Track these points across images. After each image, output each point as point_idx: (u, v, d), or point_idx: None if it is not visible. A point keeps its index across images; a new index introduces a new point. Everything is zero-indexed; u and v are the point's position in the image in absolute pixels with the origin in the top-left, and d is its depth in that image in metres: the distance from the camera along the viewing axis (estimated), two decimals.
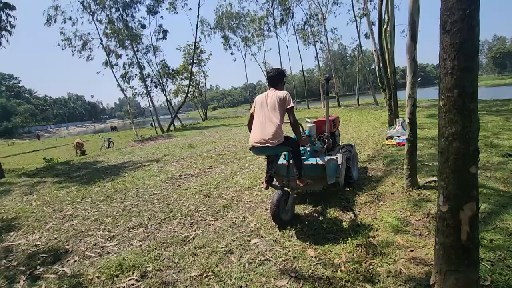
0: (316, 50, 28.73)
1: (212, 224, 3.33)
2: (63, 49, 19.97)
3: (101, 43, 20.25)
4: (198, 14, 23.27)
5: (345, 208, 3.31)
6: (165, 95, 24.67)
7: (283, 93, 2.86)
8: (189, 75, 28.35)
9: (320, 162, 3.17)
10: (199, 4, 22.28)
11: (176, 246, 2.91)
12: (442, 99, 1.49)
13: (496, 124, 6.93)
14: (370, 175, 4.41)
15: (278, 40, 32.43)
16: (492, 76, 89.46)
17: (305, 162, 3.26)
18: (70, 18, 19.45)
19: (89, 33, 20.15)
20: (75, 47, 20.01)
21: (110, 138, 16.34)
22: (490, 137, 5.69)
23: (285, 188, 2.96)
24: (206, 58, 32.78)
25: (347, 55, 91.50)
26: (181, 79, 30.58)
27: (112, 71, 20.87)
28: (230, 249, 2.71)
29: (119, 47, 20.91)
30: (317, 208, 3.37)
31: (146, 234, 3.27)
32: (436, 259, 1.62)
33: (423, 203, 3.14)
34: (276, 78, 3.07)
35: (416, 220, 2.82)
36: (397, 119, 6.92)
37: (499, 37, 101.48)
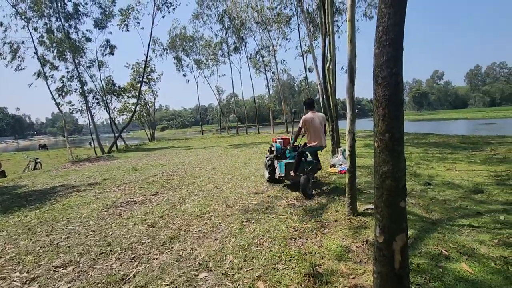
0: (267, 79, 30.40)
1: (156, 258, 3.08)
2: None
3: (36, 53, 18.23)
4: (151, 34, 22.81)
5: (293, 235, 3.41)
6: (109, 113, 22.90)
7: (322, 115, 5.10)
8: (137, 94, 27.06)
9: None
10: (152, 24, 21.99)
11: (114, 286, 2.60)
12: (376, 141, 1.71)
13: (417, 155, 8.07)
14: (316, 202, 4.66)
15: (231, 66, 33.50)
16: (413, 112, 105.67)
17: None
18: (1, 24, 17.25)
19: (23, 42, 18.03)
20: (1, 53, 17.59)
21: (37, 158, 14.27)
22: (413, 166, 6.58)
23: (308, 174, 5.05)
24: (157, 78, 31.98)
25: (295, 85, 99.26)
26: (128, 97, 29.00)
27: (47, 83, 18.75)
28: (176, 286, 2.53)
29: (58, 58, 19.06)
30: (267, 237, 3.40)
31: (76, 274, 2.85)
32: (374, 286, 1.76)
33: (362, 230, 3.42)
34: (312, 104, 5.22)
35: (356, 247, 3.04)
36: (339, 148, 7.55)
37: (417, 79, 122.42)
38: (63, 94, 20.30)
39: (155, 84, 32.18)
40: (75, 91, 20.81)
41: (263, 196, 5.21)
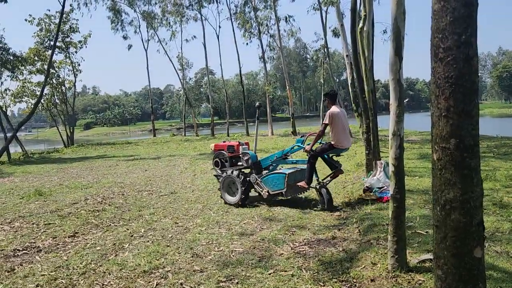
0: (261, 46, 30.63)
1: None
2: None
3: None
4: None
5: None
6: None
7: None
8: (45, 67, 26.84)
9: None
10: None
11: None
12: (435, 150, 1.76)
13: (506, 172, 8.23)
14: (341, 249, 4.69)
15: (204, 25, 33.41)
16: (498, 102, 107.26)
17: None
18: None
19: None
20: None
21: None
22: (499, 191, 6.71)
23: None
24: (81, 41, 31.79)
25: (308, 57, 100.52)
26: (30, 73, 28.80)
27: None
28: None
29: None
30: None
31: None
32: None
33: None
34: (336, 97, 6.74)
35: None
36: (379, 162, 7.66)
37: (504, 51, 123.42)
38: None
39: (76, 52, 31.96)
40: None
41: (254, 239, 5.22)
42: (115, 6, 34.15)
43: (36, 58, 27.86)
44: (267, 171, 7.37)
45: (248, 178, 7.18)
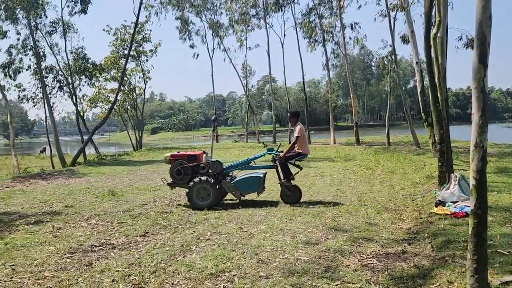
0: (326, 53, 30.34)
1: None
2: None
3: None
4: None
5: None
6: (75, 103, 24.37)
7: None
8: (118, 75, 28.52)
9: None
10: None
11: None
12: None
13: None
14: (412, 264, 4.49)
15: (269, 33, 33.69)
16: None
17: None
18: None
19: None
20: None
21: None
22: None
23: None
24: (151, 50, 33.38)
25: (372, 64, 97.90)
26: (105, 80, 30.72)
27: None
28: None
29: (6, 19, 20.86)
30: None
31: None
32: None
33: None
34: (299, 115, 9.19)
35: None
36: (453, 174, 7.27)
37: None
38: (11, 73, 22.07)
39: (147, 61, 33.65)
40: (27, 69, 22.53)
41: (319, 249, 5.15)
42: (183, 15, 35.53)
43: (111, 66, 29.60)
44: (230, 176, 8.46)
45: (220, 184, 8.10)
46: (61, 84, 23.51)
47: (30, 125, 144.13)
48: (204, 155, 8.66)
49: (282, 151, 8.50)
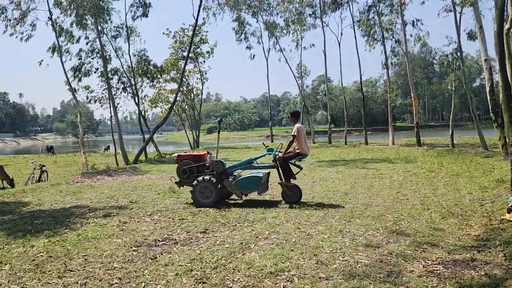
0: (385, 52, 29.40)
1: None
2: None
3: (50, 17, 21.63)
4: None
5: None
6: (138, 103, 25.49)
7: None
8: (177, 76, 29.48)
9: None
10: None
11: None
12: None
13: None
14: (483, 273, 4.25)
15: (325, 32, 33.26)
16: None
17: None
18: None
19: (32, 0, 21.65)
20: (10, 20, 21.42)
21: (43, 166, 16.77)
22: None
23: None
24: (208, 52, 34.17)
25: (435, 62, 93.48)
26: (165, 81, 31.86)
27: (61, 60, 22.02)
28: None
29: (76, 25, 22.23)
30: None
31: None
32: None
33: None
34: (300, 115, 9.07)
35: None
36: None
37: None
38: (80, 75, 23.48)
39: (204, 62, 34.50)
40: (95, 72, 23.88)
41: (381, 252, 5.03)
42: (239, 17, 36.02)
43: (171, 68, 30.67)
44: (234, 176, 8.73)
45: (222, 183, 8.25)
46: (125, 85, 24.67)
47: (95, 125, 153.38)
48: (208, 155, 8.88)
49: (281, 152, 8.57)
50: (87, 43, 23.40)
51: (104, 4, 23.00)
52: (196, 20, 24.26)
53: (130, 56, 24.92)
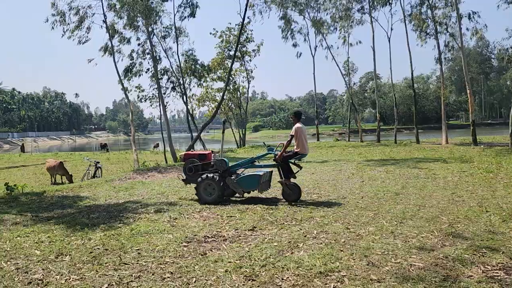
0: (438, 47, 28.20)
1: None
2: (52, 28, 22.66)
3: (104, 20, 22.61)
4: None
5: None
6: (186, 102, 26.11)
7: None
8: (224, 75, 29.88)
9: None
10: None
11: None
12: None
13: None
14: None
15: (374, 27, 32.29)
16: None
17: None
18: None
19: (89, 6, 22.73)
20: (69, 24, 22.60)
21: (98, 162, 17.58)
22: None
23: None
24: (254, 50, 34.35)
25: (493, 57, 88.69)
26: (212, 80, 32.40)
27: (114, 61, 22.96)
28: None
29: (128, 27, 23.09)
30: None
31: None
32: None
33: None
34: (301, 115, 9.08)
35: None
36: None
37: None
38: (131, 75, 24.39)
39: (250, 60, 34.71)
40: (146, 72, 24.72)
41: (436, 256, 4.85)
42: (286, 14, 35.90)
43: (217, 67, 31.16)
44: (236, 174, 8.97)
45: (224, 181, 8.60)
46: (174, 84, 25.39)
47: (145, 123, 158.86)
48: (213, 154, 9.39)
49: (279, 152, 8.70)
50: (138, 44, 24.33)
51: (155, 5, 23.73)
52: (243, 19, 24.49)
53: (178, 56, 25.62)
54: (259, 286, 4.18)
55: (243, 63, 34.56)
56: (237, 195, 9.14)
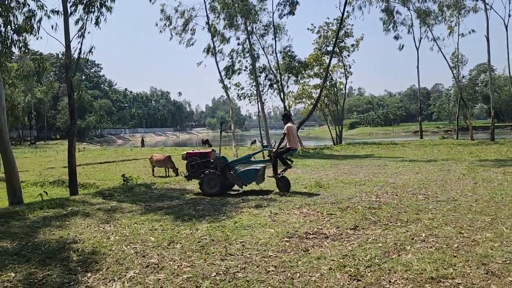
0: None
1: None
2: (161, 31, 24.54)
3: (207, 22, 23.79)
4: None
5: None
6: (283, 99, 26.38)
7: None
8: (323, 72, 29.56)
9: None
10: None
11: None
12: None
13: None
14: None
15: (489, 15, 29.42)
16: None
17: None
18: None
19: (192, 8, 24.10)
20: (175, 27, 24.24)
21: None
22: None
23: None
24: (353, 45, 33.43)
25: None
26: (308, 77, 32.26)
27: (215, 60, 24.07)
28: None
29: (228, 27, 24.03)
30: None
31: None
32: None
33: None
34: (290, 116, 11.09)
35: None
36: None
37: None
38: (231, 74, 25.35)
39: (348, 56, 33.82)
40: (244, 70, 25.51)
41: None
42: (388, 7, 34.37)
43: (314, 63, 30.95)
44: (235, 169, 10.00)
45: (225, 175, 9.66)
46: (271, 82, 25.81)
47: (242, 120, 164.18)
48: (213, 153, 10.36)
49: (274, 148, 9.91)
50: (238, 44, 25.20)
51: (256, 3, 24.35)
52: (342, 13, 24.09)
53: (276, 54, 25.97)
54: (365, 287, 4.08)
55: (340, 58, 33.86)
56: (235, 187, 10.22)
